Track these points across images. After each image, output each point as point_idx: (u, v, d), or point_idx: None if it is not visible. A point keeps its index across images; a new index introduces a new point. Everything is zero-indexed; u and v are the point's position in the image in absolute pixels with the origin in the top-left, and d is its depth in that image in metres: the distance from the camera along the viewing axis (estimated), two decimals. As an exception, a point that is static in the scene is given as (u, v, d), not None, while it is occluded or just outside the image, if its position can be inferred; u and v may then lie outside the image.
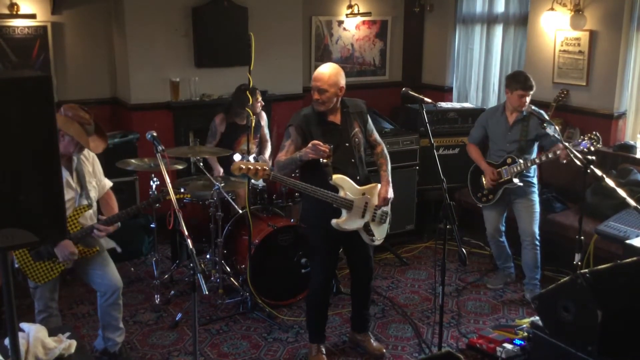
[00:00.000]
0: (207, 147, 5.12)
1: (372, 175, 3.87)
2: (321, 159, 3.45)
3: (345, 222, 3.60)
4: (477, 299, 4.80)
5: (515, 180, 4.57)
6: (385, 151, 3.87)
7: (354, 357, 3.99)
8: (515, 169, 4.56)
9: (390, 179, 3.79)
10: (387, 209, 3.79)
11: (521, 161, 4.54)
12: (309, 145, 3.45)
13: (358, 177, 3.67)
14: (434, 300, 4.68)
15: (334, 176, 3.53)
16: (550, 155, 4.37)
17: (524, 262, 4.74)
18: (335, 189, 3.57)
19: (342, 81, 3.60)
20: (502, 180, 4.63)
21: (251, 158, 3.41)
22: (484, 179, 4.75)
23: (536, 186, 4.73)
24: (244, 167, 3.36)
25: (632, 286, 2.79)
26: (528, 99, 4.54)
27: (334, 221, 3.57)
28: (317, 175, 3.56)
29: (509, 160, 4.62)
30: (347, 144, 3.64)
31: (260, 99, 5.12)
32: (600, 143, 4.11)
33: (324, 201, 3.55)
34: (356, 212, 3.62)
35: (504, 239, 4.89)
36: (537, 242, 4.65)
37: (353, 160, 3.66)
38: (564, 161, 4.28)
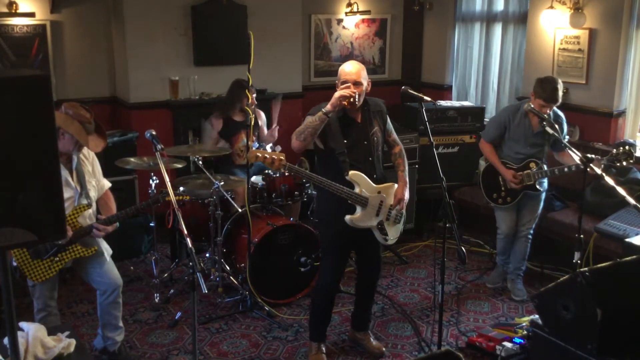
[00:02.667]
0: (207, 146, 5.11)
1: (388, 173, 3.83)
2: (345, 103, 3.41)
3: (359, 219, 3.58)
4: (476, 297, 4.80)
5: (538, 186, 4.53)
6: (404, 152, 3.85)
7: (353, 356, 3.99)
8: (539, 175, 4.48)
9: (407, 180, 3.77)
10: (403, 209, 3.76)
11: (547, 170, 4.45)
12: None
13: (375, 176, 3.64)
14: (433, 298, 4.68)
15: (350, 172, 3.51)
16: (573, 169, 4.27)
17: (512, 252, 4.77)
18: (350, 185, 3.55)
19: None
20: (525, 185, 4.53)
21: (268, 147, 3.35)
22: (502, 181, 4.64)
23: (547, 181, 4.68)
24: (260, 155, 3.30)
25: (632, 285, 2.79)
26: (549, 110, 4.39)
27: (347, 217, 3.55)
28: (333, 170, 3.55)
29: (532, 165, 4.51)
30: (365, 142, 3.61)
31: (253, 95, 5.05)
32: (633, 158, 4.03)
33: (338, 199, 3.53)
34: (371, 210, 3.59)
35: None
36: (530, 237, 4.71)
37: (370, 159, 3.63)
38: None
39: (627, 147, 4.06)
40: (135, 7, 5.72)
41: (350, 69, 3.54)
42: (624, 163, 4.06)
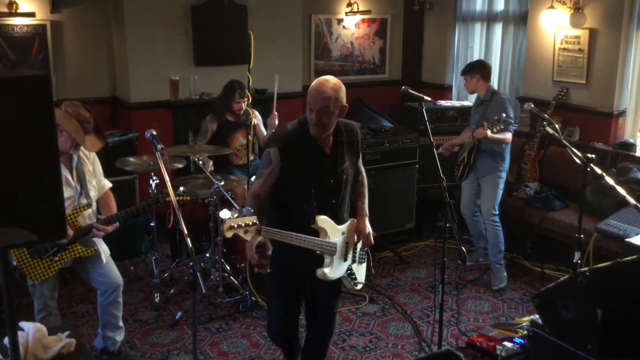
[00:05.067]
0: (203, 145, 5.12)
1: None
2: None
3: (332, 270, 2.99)
4: (477, 297, 4.80)
5: (467, 158, 4.96)
6: (365, 180, 3.28)
7: (353, 356, 4.00)
8: (465, 148, 4.97)
9: (367, 212, 3.19)
10: (370, 244, 3.20)
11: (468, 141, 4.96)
12: (252, 253, 2.83)
13: (337, 220, 3.04)
14: (433, 298, 4.68)
15: (318, 218, 2.92)
16: (469, 139, 4.90)
17: (487, 240, 5.03)
18: (314, 232, 2.95)
19: (345, 99, 2.95)
20: (459, 160, 5.05)
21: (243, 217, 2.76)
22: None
23: (503, 166, 4.93)
24: (234, 225, 2.71)
25: (632, 284, 2.79)
26: (466, 85, 5.07)
27: (320, 272, 2.96)
28: (293, 217, 2.98)
29: (467, 140, 5.00)
30: (331, 181, 3.00)
31: (241, 100, 5.06)
32: (501, 124, 4.52)
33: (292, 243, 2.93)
34: (339, 256, 3.04)
35: (478, 218, 5.12)
36: (495, 222, 4.91)
37: (334, 201, 3.03)
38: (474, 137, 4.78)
39: (497, 118, 4.52)
40: (136, 7, 5.72)
41: (322, 91, 2.88)
42: (495, 128, 4.55)
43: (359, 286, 3.23)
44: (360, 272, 3.22)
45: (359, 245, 3.16)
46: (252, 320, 4.40)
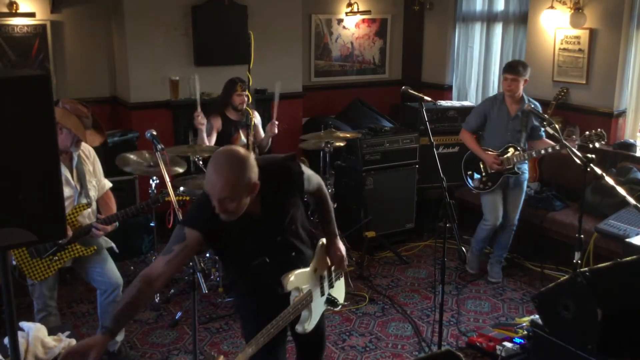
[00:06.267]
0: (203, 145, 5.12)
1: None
2: None
3: (311, 320, 2.70)
4: (477, 297, 4.80)
5: (517, 169, 4.78)
6: (326, 193, 2.85)
7: (353, 356, 4.00)
8: (518, 158, 4.73)
9: (336, 231, 2.88)
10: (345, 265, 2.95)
11: (525, 152, 4.72)
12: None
13: (304, 265, 2.69)
14: (433, 298, 4.68)
15: (287, 282, 2.55)
16: (549, 150, 4.57)
17: (497, 241, 5.04)
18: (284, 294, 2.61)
19: (255, 175, 2.35)
20: (506, 168, 4.78)
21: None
22: (482, 166, 4.89)
23: (526, 176, 4.97)
24: None
25: (632, 285, 2.79)
26: (515, 86, 4.65)
27: (300, 329, 2.66)
28: (256, 291, 2.64)
29: (511, 150, 4.76)
30: (279, 238, 2.59)
31: (243, 93, 5.05)
32: (605, 139, 4.10)
33: (264, 298, 2.65)
34: (316, 296, 2.74)
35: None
36: (514, 228, 4.97)
37: (294, 253, 2.64)
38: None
39: (599, 130, 4.13)
40: (136, 7, 5.72)
41: (214, 182, 2.29)
42: (597, 144, 4.12)
43: (339, 307, 2.98)
44: (339, 292, 2.96)
45: (333, 268, 2.86)
46: (252, 320, 4.40)
